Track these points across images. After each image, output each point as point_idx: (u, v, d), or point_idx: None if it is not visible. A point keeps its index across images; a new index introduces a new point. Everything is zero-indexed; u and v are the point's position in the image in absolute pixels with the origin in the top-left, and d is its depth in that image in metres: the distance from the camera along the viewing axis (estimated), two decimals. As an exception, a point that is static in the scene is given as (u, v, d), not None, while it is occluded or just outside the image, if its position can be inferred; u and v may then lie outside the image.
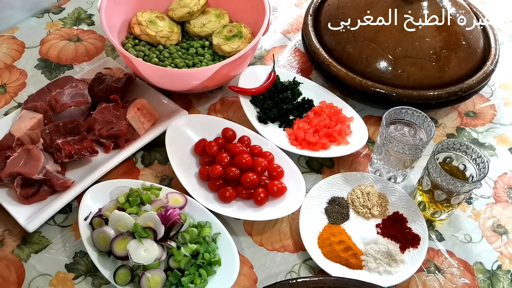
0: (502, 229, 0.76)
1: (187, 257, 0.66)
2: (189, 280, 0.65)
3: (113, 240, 0.66)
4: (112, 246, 0.65)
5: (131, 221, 0.67)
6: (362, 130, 0.84)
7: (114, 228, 0.67)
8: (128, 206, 0.71)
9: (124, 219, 0.67)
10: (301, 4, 1.18)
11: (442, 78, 0.87)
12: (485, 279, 0.71)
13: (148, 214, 0.67)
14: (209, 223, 0.71)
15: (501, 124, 0.92)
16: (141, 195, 0.72)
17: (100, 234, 0.67)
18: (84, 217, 0.70)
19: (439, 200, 0.72)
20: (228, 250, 0.68)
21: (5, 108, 0.90)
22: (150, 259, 0.64)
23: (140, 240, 0.65)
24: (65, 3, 1.13)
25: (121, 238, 0.66)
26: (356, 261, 0.70)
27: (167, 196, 0.72)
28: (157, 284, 0.64)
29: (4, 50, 1.01)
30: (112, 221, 0.68)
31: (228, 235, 0.70)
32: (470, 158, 0.71)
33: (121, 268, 0.65)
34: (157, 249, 0.65)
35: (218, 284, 0.66)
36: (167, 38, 0.94)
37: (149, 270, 0.64)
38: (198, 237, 0.69)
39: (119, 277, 0.64)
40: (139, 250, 0.64)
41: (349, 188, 0.79)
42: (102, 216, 0.69)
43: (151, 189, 0.73)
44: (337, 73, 0.88)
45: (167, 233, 0.68)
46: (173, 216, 0.68)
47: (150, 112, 0.85)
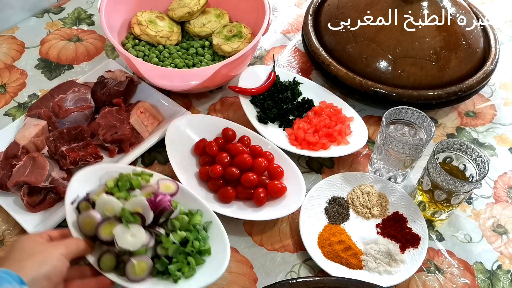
0: (502, 229, 0.77)
1: (175, 244, 0.64)
2: (177, 268, 0.62)
3: (99, 224, 0.62)
4: (98, 230, 0.62)
5: (118, 205, 0.64)
6: (362, 130, 0.84)
7: (101, 213, 0.64)
8: (116, 190, 0.67)
9: (111, 204, 0.64)
10: (301, 4, 1.18)
11: (442, 78, 0.87)
12: (485, 279, 0.71)
13: (137, 199, 0.64)
14: (201, 211, 0.69)
15: (501, 124, 0.92)
16: (131, 180, 0.68)
17: (86, 218, 0.63)
18: (71, 201, 0.66)
19: (439, 200, 0.72)
20: (219, 240, 0.66)
21: (5, 108, 0.90)
22: (137, 245, 0.61)
23: (127, 225, 0.62)
24: (65, 3, 1.13)
25: (107, 222, 0.63)
26: (356, 261, 0.70)
27: (158, 183, 0.69)
28: (143, 271, 0.61)
29: (4, 50, 1.01)
30: (99, 205, 0.64)
31: (220, 224, 0.68)
32: (470, 158, 0.71)
33: (106, 253, 0.62)
34: (145, 235, 0.62)
35: (207, 274, 0.63)
36: (167, 38, 0.94)
37: (135, 257, 0.61)
38: (188, 224, 0.66)
39: (103, 262, 0.61)
40: (125, 235, 0.61)
41: (349, 188, 0.79)
42: (90, 200, 0.66)
43: (141, 174, 0.70)
44: (337, 73, 0.88)
45: (156, 219, 0.65)
46: (163, 202, 0.65)
47: (153, 114, 0.85)
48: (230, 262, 0.70)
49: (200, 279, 0.63)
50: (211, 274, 0.63)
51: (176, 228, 0.65)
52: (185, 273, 0.62)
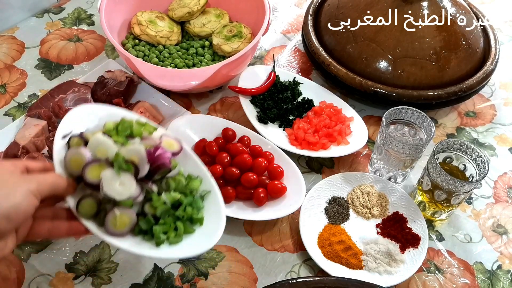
0: (502, 229, 0.77)
1: (166, 205, 0.57)
2: (162, 231, 0.56)
3: (88, 164, 0.55)
4: (85, 170, 0.54)
5: (113, 149, 0.56)
6: (362, 130, 0.84)
7: (93, 153, 0.56)
8: (115, 134, 0.59)
9: (105, 145, 0.56)
10: (301, 4, 1.18)
11: (442, 78, 0.87)
12: (485, 279, 0.71)
13: (134, 147, 0.57)
14: (201, 178, 0.62)
15: (501, 124, 0.92)
16: (132, 127, 0.61)
17: (74, 154, 0.55)
18: (62, 135, 0.58)
19: (439, 200, 0.72)
20: (214, 213, 0.60)
21: (5, 108, 0.90)
22: (124, 195, 0.54)
23: (119, 172, 0.54)
24: (65, 3, 1.13)
25: (96, 164, 0.55)
26: (356, 261, 0.70)
27: (161, 138, 0.62)
28: (124, 225, 0.54)
29: (4, 50, 1.01)
30: (92, 144, 0.57)
31: (219, 197, 0.61)
32: (470, 158, 0.71)
33: (88, 197, 0.54)
34: (135, 187, 0.55)
35: (193, 245, 0.57)
36: (167, 38, 0.94)
37: (119, 208, 0.54)
38: (184, 187, 0.60)
39: (83, 206, 0.54)
40: (114, 181, 0.54)
41: (349, 188, 0.79)
42: (83, 138, 0.58)
43: (145, 125, 0.63)
44: (337, 73, 0.88)
45: (151, 175, 0.58)
46: (163, 158, 0.58)
47: (153, 114, 0.85)
48: (230, 262, 0.71)
49: (184, 248, 0.56)
50: (198, 246, 0.56)
51: (171, 188, 0.59)
52: (170, 238, 0.56)
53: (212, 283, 0.69)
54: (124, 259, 0.71)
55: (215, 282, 0.69)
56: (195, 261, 0.71)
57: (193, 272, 0.70)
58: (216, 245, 0.72)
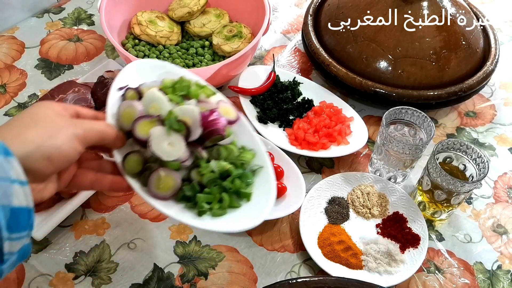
0: (502, 229, 0.77)
1: (214, 174, 0.53)
2: (206, 200, 0.52)
3: (139, 118, 0.52)
4: (135, 124, 0.52)
5: (167, 106, 0.53)
6: (362, 130, 0.84)
7: (146, 108, 0.54)
8: (171, 91, 0.56)
9: (160, 102, 0.53)
10: (301, 4, 1.18)
11: (442, 78, 0.87)
12: (485, 279, 0.71)
13: (189, 108, 0.53)
14: (254, 152, 0.58)
15: (501, 124, 0.92)
16: (190, 88, 0.57)
17: (127, 107, 0.53)
18: (118, 87, 0.57)
19: (439, 200, 0.72)
20: (264, 191, 0.55)
21: (5, 108, 0.90)
22: (172, 156, 0.51)
23: (170, 131, 0.51)
24: (65, 3, 1.13)
25: (148, 119, 0.52)
26: (356, 261, 0.70)
27: (219, 103, 0.57)
28: (167, 188, 0.52)
29: (4, 50, 1.01)
30: (146, 99, 0.54)
31: (271, 176, 0.56)
32: (470, 158, 0.71)
33: (134, 153, 0.52)
34: (184, 149, 0.52)
35: (236, 221, 0.52)
36: (167, 38, 0.94)
37: (165, 169, 0.51)
38: (236, 158, 0.56)
39: (128, 162, 0.52)
40: (163, 140, 0.51)
41: (349, 188, 0.79)
42: (139, 92, 0.56)
43: (204, 87, 0.59)
44: (337, 73, 0.88)
45: (202, 140, 0.54)
46: (217, 123, 0.54)
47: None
48: (230, 262, 0.71)
49: (226, 222, 0.52)
50: (240, 223, 0.52)
51: (221, 157, 0.55)
52: (213, 210, 0.52)
53: (212, 283, 0.69)
54: (124, 259, 0.71)
55: (215, 282, 0.69)
56: (195, 261, 0.71)
57: (193, 272, 0.70)
58: (216, 245, 0.73)
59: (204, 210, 0.52)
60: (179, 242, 0.73)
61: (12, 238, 0.38)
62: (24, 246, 0.40)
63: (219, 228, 0.52)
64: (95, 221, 0.75)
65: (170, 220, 0.75)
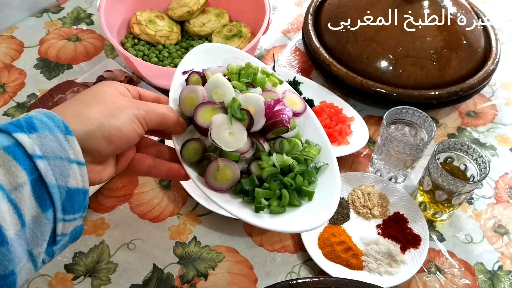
0: (503, 230, 0.76)
1: (275, 168, 0.50)
2: (264, 195, 0.49)
3: (201, 104, 0.50)
4: (197, 110, 0.49)
5: (231, 93, 0.51)
6: (362, 130, 0.84)
7: (209, 94, 0.51)
8: (236, 78, 0.54)
9: (224, 88, 0.51)
10: (301, 3, 1.17)
11: (443, 77, 0.86)
12: (486, 279, 0.70)
13: (253, 96, 0.51)
14: (320, 148, 0.54)
15: (502, 124, 0.92)
16: (256, 75, 0.55)
17: (190, 92, 0.51)
18: (183, 70, 0.55)
19: (440, 201, 0.71)
20: (327, 192, 0.51)
21: (4, 108, 0.90)
22: (232, 146, 0.48)
23: (231, 119, 0.49)
24: (64, 2, 1.12)
25: (210, 106, 0.50)
26: (356, 262, 0.69)
27: (285, 93, 0.56)
28: (225, 179, 0.49)
29: (3, 49, 1.00)
30: (210, 84, 0.52)
31: (337, 175, 0.52)
32: (471, 158, 0.71)
33: (194, 141, 0.50)
34: (245, 140, 0.49)
35: (295, 222, 0.48)
36: (166, 38, 0.94)
37: (224, 159, 0.49)
38: (300, 153, 0.52)
39: (187, 150, 0.50)
40: (224, 129, 0.49)
41: (350, 188, 0.78)
42: (203, 77, 0.55)
43: (271, 76, 0.56)
44: (338, 72, 0.88)
45: (264, 131, 0.51)
46: (282, 114, 0.51)
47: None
48: (230, 263, 0.70)
49: (285, 222, 0.48)
50: (300, 223, 0.48)
51: (284, 151, 0.52)
52: (272, 207, 0.49)
53: (211, 284, 0.68)
54: (124, 259, 0.70)
55: (215, 283, 0.68)
56: (195, 261, 0.71)
57: (192, 273, 0.69)
58: (216, 246, 0.72)
59: (261, 207, 0.49)
60: (179, 243, 0.72)
61: (66, 220, 0.37)
62: (76, 228, 0.39)
63: (278, 228, 0.48)
64: (94, 222, 0.74)
65: (170, 221, 0.75)
